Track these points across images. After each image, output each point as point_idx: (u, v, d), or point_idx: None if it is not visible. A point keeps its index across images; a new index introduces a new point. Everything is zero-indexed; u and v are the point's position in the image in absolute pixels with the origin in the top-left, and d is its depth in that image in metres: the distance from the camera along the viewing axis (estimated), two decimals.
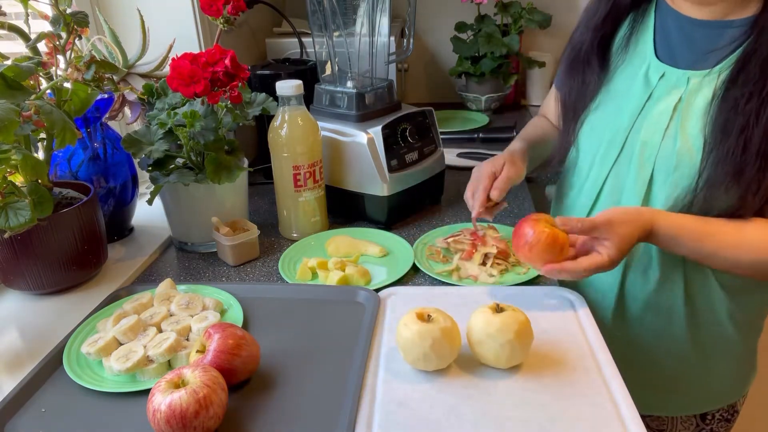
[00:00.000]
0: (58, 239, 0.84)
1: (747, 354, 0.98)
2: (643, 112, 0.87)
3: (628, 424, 0.61)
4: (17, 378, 0.70)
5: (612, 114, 0.91)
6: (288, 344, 0.75)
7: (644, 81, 0.88)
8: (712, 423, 1.01)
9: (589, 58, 0.94)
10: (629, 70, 0.90)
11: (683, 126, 0.82)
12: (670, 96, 0.84)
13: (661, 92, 0.86)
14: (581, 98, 0.95)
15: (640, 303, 0.92)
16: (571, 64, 0.96)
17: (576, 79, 0.96)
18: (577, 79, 0.95)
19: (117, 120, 1.07)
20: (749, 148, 0.75)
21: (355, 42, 1.07)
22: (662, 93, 0.85)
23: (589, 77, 0.94)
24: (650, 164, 0.85)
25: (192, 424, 0.58)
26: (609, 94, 0.92)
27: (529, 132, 1.10)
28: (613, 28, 0.93)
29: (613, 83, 0.92)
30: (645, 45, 0.90)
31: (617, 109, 0.90)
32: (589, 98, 0.94)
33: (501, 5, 1.74)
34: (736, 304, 0.90)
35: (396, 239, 1.01)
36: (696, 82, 0.82)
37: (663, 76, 0.86)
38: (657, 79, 0.86)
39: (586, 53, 0.94)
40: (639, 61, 0.90)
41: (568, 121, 0.98)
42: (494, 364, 0.68)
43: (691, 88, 0.83)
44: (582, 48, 0.94)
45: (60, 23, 0.84)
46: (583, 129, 0.95)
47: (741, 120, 0.76)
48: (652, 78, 0.87)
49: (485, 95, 1.78)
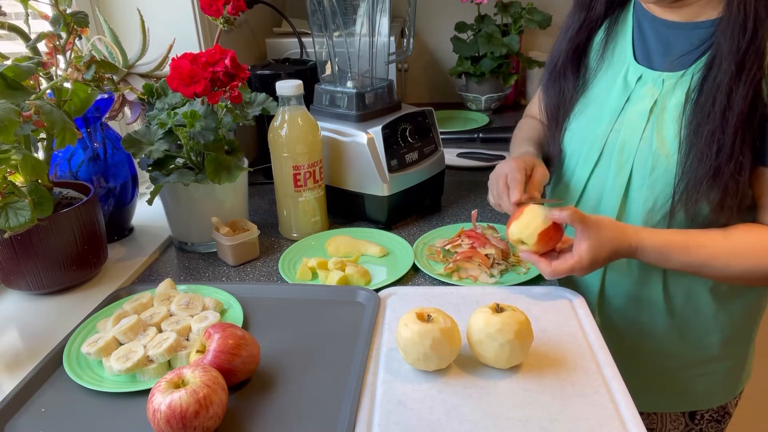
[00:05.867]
0: (58, 239, 0.84)
1: (736, 359, 0.97)
2: (622, 114, 0.87)
3: (627, 423, 0.61)
4: (17, 378, 0.70)
5: (593, 117, 0.91)
6: (288, 344, 0.75)
7: (623, 83, 0.88)
8: (702, 423, 1.01)
9: (565, 69, 0.95)
10: (610, 73, 0.91)
11: (658, 128, 0.82)
12: (646, 98, 0.85)
13: (638, 95, 0.86)
14: (562, 107, 0.97)
15: (622, 298, 0.93)
16: (550, 75, 0.98)
17: (555, 89, 0.97)
18: (556, 89, 0.97)
19: (117, 120, 1.07)
20: (723, 149, 0.75)
21: (355, 42, 1.07)
22: (639, 95, 0.86)
23: (567, 87, 0.95)
24: (628, 166, 0.86)
25: (192, 424, 0.58)
26: (590, 98, 0.93)
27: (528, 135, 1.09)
28: (588, 36, 0.94)
29: (594, 87, 0.93)
30: (624, 48, 0.90)
31: (598, 112, 0.91)
32: (569, 106, 0.95)
33: (501, 5, 1.74)
34: (724, 312, 0.91)
35: (396, 239, 1.01)
36: (670, 84, 0.83)
37: (640, 78, 0.86)
38: (635, 81, 0.87)
39: (563, 64, 0.95)
40: (619, 64, 0.90)
41: (552, 129, 1.00)
42: (494, 364, 0.68)
43: (666, 89, 0.83)
44: (559, 59, 0.96)
45: (60, 23, 0.84)
46: (567, 134, 0.96)
47: (711, 124, 0.76)
48: (631, 80, 0.87)
49: (485, 95, 1.78)
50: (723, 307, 0.91)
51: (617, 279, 0.92)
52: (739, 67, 0.74)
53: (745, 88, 0.73)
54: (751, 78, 0.73)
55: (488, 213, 1.12)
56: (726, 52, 0.75)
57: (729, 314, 0.92)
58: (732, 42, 0.74)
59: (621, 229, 0.80)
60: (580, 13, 0.94)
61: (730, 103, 0.74)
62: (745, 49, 0.73)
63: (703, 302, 0.90)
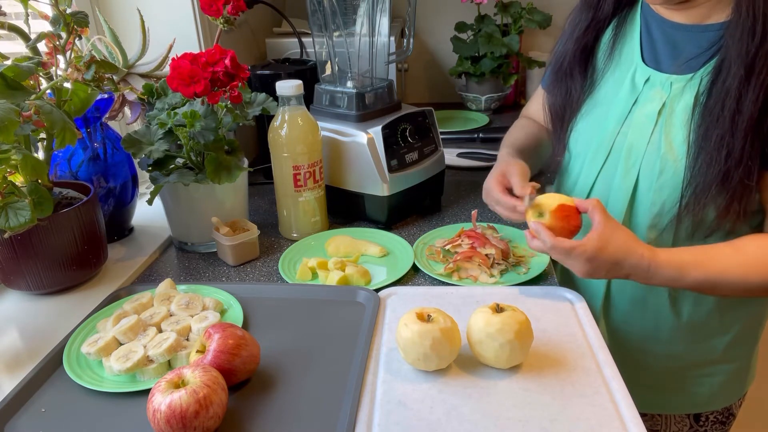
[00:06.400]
0: (58, 239, 0.84)
1: (741, 361, 0.97)
2: (630, 116, 0.86)
3: (628, 424, 0.61)
4: (17, 378, 0.70)
5: (600, 118, 0.91)
6: (288, 344, 0.75)
7: (631, 85, 0.87)
8: (706, 425, 1.01)
9: (572, 69, 0.94)
10: (617, 74, 0.90)
11: (667, 132, 0.82)
12: (654, 101, 0.84)
13: (646, 97, 0.85)
14: (568, 107, 0.95)
15: (627, 303, 0.93)
16: (556, 75, 0.97)
17: (561, 89, 0.96)
18: (563, 89, 0.96)
19: (117, 120, 1.07)
20: (732, 154, 0.75)
21: (355, 42, 1.07)
22: (647, 98, 0.85)
23: (574, 87, 0.94)
24: (635, 169, 0.85)
25: (192, 424, 0.58)
26: (597, 99, 0.92)
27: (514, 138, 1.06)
28: (596, 36, 0.93)
29: (601, 88, 0.92)
30: (631, 49, 0.89)
31: (605, 113, 0.90)
32: (576, 107, 0.94)
33: (501, 5, 1.74)
34: (730, 315, 0.90)
35: (396, 239, 1.01)
36: (678, 87, 0.82)
37: (648, 81, 0.85)
38: (642, 83, 0.86)
39: (569, 64, 0.94)
40: (626, 65, 0.89)
41: (557, 130, 0.98)
42: (494, 364, 0.68)
43: (674, 92, 0.82)
44: (565, 59, 0.94)
45: (60, 23, 0.84)
46: (573, 135, 0.96)
47: (720, 128, 0.75)
48: (638, 82, 0.87)
49: (485, 95, 1.78)
50: (729, 311, 0.90)
51: (623, 283, 0.91)
52: (748, 71, 0.73)
53: (755, 93, 0.73)
54: (761, 82, 0.72)
55: (488, 213, 1.11)
56: (735, 56, 0.74)
57: (734, 317, 0.91)
58: (741, 45, 0.73)
59: (636, 241, 0.77)
60: (588, 12, 0.93)
61: (739, 108, 0.74)
62: (754, 52, 0.72)
63: (709, 306, 0.89)
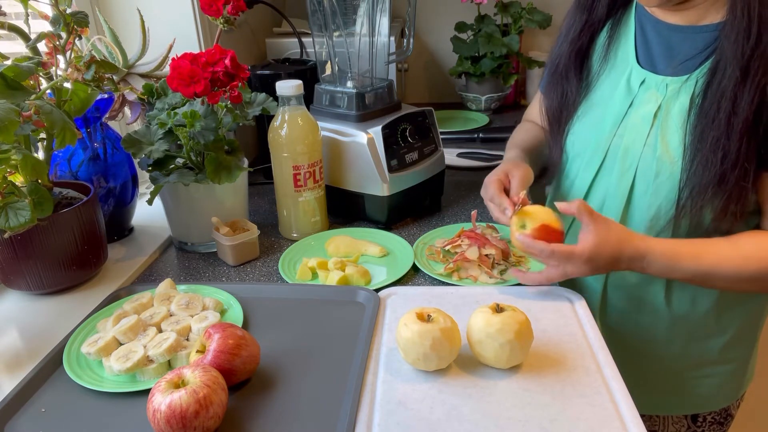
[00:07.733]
0: (58, 239, 0.84)
1: (739, 362, 0.97)
2: (625, 119, 0.86)
3: (627, 424, 0.61)
4: (17, 378, 0.70)
5: (596, 121, 0.91)
6: (288, 344, 0.75)
7: (626, 87, 0.87)
8: (704, 425, 1.01)
9: (567, 71, 0.94)
10: (613, 76, 0.90)
11: (663, 134, 0.82)
12: (650, 103, 0.84)
13: (641, 99, 0.85)
14: (564, 109, 0.95)
15: (624, 302, 0.93)
16: (551, 77, 0.97)
17: (557, 92, 0.96)
18: (558, 91, 0.96)
19: (117, 120, 1.07)
20: (728, 156, 0.74)
21: (355, 42, 1.07)
22: (643, 100, 0.85)
23: (569, 89, 0.94)
24: (632, 171, 0.85)
25: (192, 424, 0.58)
26: (593, 101, 0.92)
27: (520, 139, 1.08)
28: (590, 38, 0.93)
29: (597, 90, 0.92)
30: (626, 51, 0.89)
31: (601, 115, 0.90)
32: (572, 109, 0.94)
33: (501, 5, 1.74)
34: (727, 315, 0.90)
35: (396, 239, 1.01)
36: (674, 89, 0.82)
37: (643, 83, 0.85)
38: (638, 85, 0.86)
39: (565, 67, 0.94)
40: (621, 67, 0.89)
41: (554, 132, 0.98)
42: (494, 364, 0.68)
43: (669, 94, 0.82)
44: (560, 62, 0.95)
45: (60, 23, 0.84)
46: (569, 137, 0.96)
47: (715, 130, 0.75)
48: (634, 84, 0.86)
49: (485, 95, 1.78)
50: (726, 311, 0.90)
51: (619, 282, 0.92)
52: (743, 72, 0.72)
53: (750, 94, 0.72)
54: (756, 84, 0.72)
55: (488, 213, 1.11)
56: (730, 57, 0.73)
57: (732, 317, 0.91)
58: (736, 47, 0.73)
59: (629, 232, 0.78)
60: (582, 14, 0.93)
61: (735, 109, 0.73)
62: (749, 54, 0.72)
63: (705, 305, 0.89)
